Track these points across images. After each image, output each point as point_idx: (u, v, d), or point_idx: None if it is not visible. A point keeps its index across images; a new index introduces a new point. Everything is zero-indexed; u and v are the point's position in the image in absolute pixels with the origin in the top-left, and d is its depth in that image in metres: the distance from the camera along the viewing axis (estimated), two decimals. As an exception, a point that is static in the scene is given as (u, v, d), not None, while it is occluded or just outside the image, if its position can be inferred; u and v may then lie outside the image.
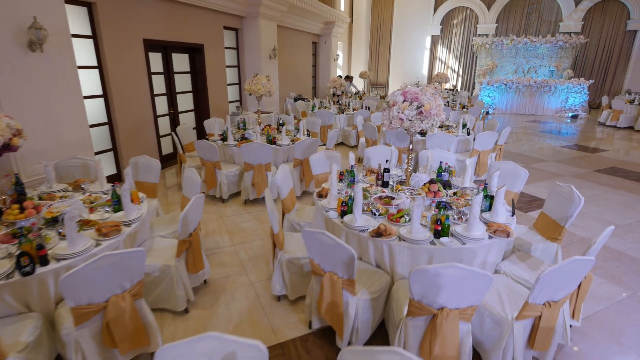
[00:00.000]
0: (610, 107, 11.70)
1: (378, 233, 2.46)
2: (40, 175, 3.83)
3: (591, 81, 13.36)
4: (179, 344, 1.31)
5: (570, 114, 13.31)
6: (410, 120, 2.78)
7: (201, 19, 7.00)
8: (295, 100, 10.51)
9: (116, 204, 2.81)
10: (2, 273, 1.97)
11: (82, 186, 3.23)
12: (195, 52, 7.19)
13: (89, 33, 4.96)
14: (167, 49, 6.49)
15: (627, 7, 13.97)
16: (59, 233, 2.41)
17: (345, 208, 2.76)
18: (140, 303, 2.16)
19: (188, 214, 2.58)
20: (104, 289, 1.96)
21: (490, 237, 2.47)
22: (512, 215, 2.82)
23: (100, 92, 5.21)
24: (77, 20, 4.79)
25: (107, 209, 2.80)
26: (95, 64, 5.09)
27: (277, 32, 9.32)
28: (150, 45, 5.98)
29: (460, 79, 17.15)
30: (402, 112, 2.80)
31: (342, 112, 8.73)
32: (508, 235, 2.48)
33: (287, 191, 3.47)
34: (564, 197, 2.90)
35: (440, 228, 2.44)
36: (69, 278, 1.78)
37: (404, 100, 2.80)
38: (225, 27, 7.86)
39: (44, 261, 2.09)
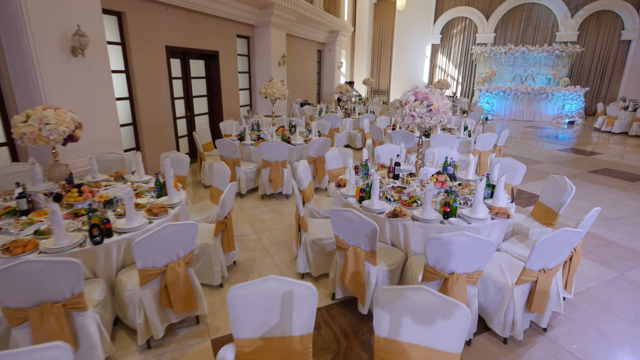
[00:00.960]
0: (605, 114, 12.11)
1: (394, 214, 2.80)
2: (79, 169, 4.18)
3: (587, 89, 13.80)
4: (248, 284, 1.65)
5: (567, 120, 13.73)
6: (421, 117, 3.14)
7: (217, 27, 7.41)
8: (302, 105, 10.92)
9: (159, 191, 3.16)
10: (77, 242, 2.31)
11: (124, 176, 3.58)
12: (211, 59, 7.59)
13: (118, 40, 5.35)
14: (185, 55, 6.89)
15: (621, 17, 14.48)
16: (115, 212, 2.75)
17: (364, 194, 3.10)
18: (190, 271, 2.50)
19: (226, 197, 2.93)
20: (164, 255, 2.30)
21: (492, 218, 2.82)
22: (512, 202, 3.17)
23: (126, 94, 5.58)
24: (108, 28, 5.17)
25: (152, 195, 3.14)
26: (123, 68, 5.46)
27: (286, 41, 9.75)
28: (171, 52, 6.38)
29: (459, 87, 17.61)
30: (414, 110, 3.16)
31: (348, 116, 9.12)
32: (508, 217, 2.83)
33: (306, 183, 3.82)
34: (558, 187, 3.24)
35: (448, 210, 2.78)
36: (140, 242, 2.11)
37: (415, 100, 3.17)
38: (238, 36, 8.28)
39: (109, 233, 2.43)
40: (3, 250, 2.15)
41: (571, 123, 13.63)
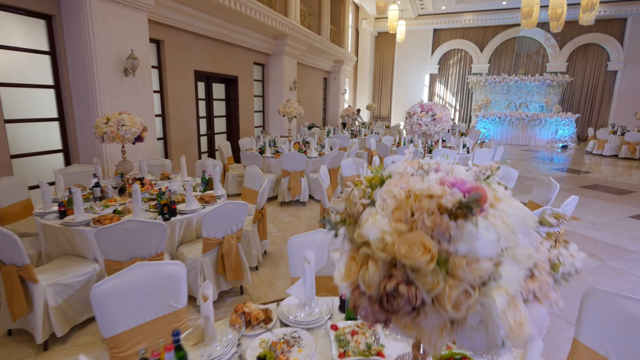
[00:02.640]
0: (595, 138, 12.83)
1: (407, 203, 3.34)
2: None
3: (578, 115, 14.60)
4: (303, 235, 2.17)
5: (561, 145, 14.44)
6: (426, 125, 3.74)
7: (237, 55, 8.21)
8: (310, 127, 11.63)
9: (204, 186, 3.70)
10: (151, 218, 2.83)
11: (170, 177, 4.13)
12: (230, 83, 8.33)
13: (156, 64, 6.06)
14: (209, 79, 7.62)
15: (607, 50, 15.54)
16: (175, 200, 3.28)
17: (379, 189, 3.65)
18: (239, 246, 3.00)
19: (264, 189, 3.47)
20: (221, 228, 2.81)
21: (489, 207, 3.35)
22: (506, 198, 3.72)
23: (160, 112, 6.23)
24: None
25: (200, 189, 3.69)
26: (158, 89, 6.14)
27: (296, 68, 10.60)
28: (198, 76, 7.10)
29: (457, 113, 18.49)
30: (421, 120, 3.77)
31: (355, 137, 9.79)
32: (502, 206, 3.36)
33: (327, 183, 4.37)
34: (545, 186, 3.80)
35: (452, 199, 3.32)
36: (208, 214, 2.65)
37: (422, 111, 3.78)
38: (255, 63, 9.08)
39: (174, 213, 2.96)
40: (94, 222, 2.67)
41: (565, 147, 14.33)
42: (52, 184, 3.91)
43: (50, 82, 4.48)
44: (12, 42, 4.10)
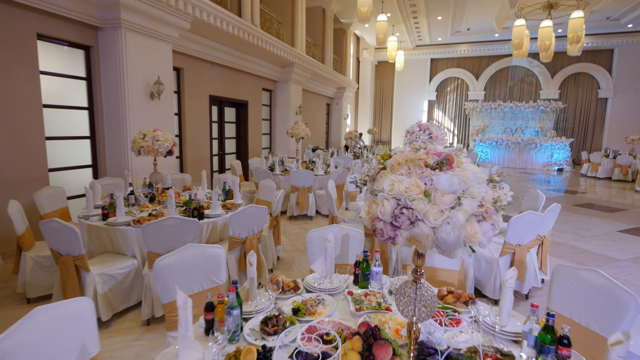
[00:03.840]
0: (589, 161, 13.31)
1: (407, 211, 3.73)
2: (148, 187, 5.14)
3: (572, 139, 15.16)
4: (320, 228, 2.55)
5: (556, 168, 14.90)
6: (424, 142, 4.19)
7: (248, 81, 8.81)
8: (313, 150, 12.14)
9: (225, 196, 4.11)
10: (182, 220, 3.21)
11: (192, 188, 4.54)
12: (241, 107, 8.90)
13: (176, 89, 6.61)
14: (222, 103, 8.18)
15: (596, 78, 16.29)
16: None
17: (383, 200, 4.05)
18: (259, 246, 3.37)
19: (280, 198, 3.87)
20: (245, 229, 3.19)
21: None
22: (497, 208, 4.11)
23: (178, 132, 6.72)
24: (169, 80, 6.44)
25: (221, 198, 4.09)
26: (177, 112, 6.66)
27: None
28: (212, 100, 7.65)
29: (455, 138, 19.10)
30: (419, 138, 4.22)
31: (358, 158, 10.27)
32: (493, 214, 3.75)
33: (335, 196, 4.77)
34: (533, 197, 4.20)
35: (448, 207, 3.71)
36: (235, 215, 3.03)
37: (420, 130, 4.24)
38: (264, 89, 9.70)
39: (202, 217, 3.34)
40: (134, 222, 3.06)
41: (560, 170, 14.79)
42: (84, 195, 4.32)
43: (85, 104, 4.98)
44: (54, 68, 4.62)
